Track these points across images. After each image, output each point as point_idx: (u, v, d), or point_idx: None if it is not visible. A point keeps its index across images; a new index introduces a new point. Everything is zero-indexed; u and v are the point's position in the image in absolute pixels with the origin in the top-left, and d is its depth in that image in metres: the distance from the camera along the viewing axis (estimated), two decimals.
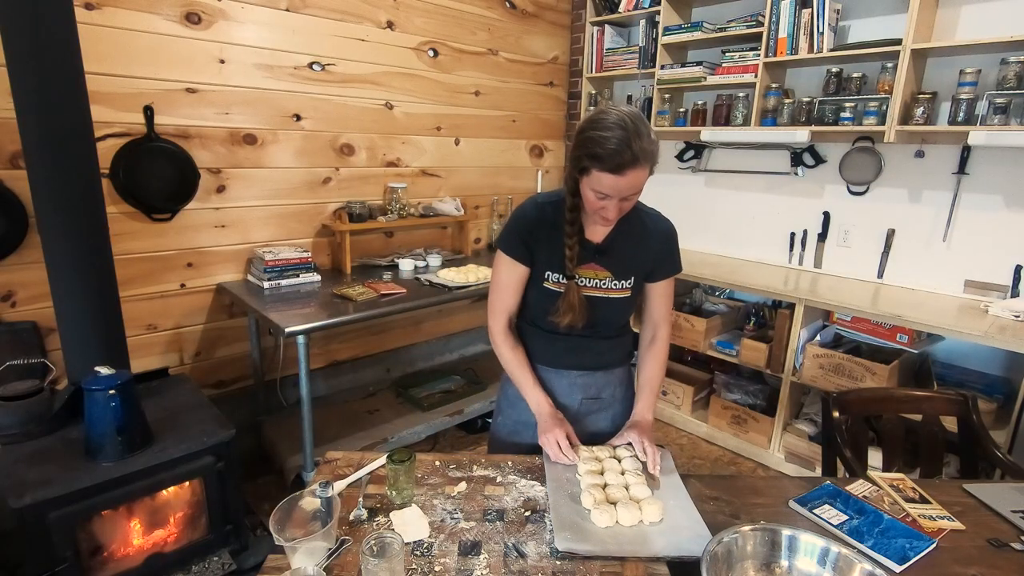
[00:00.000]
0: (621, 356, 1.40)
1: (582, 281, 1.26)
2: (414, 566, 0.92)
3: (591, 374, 1.35)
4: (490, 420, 1.49)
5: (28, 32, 1.50)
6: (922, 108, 2.32)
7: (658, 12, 3.07)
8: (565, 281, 1.25)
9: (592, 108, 3.56)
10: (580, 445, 1.23)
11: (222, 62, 2.31)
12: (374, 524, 1.02)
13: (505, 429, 1.42)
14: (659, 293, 1.34)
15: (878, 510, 1.10)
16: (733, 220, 3.25)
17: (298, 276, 2.49)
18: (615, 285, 1.27)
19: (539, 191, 3.65)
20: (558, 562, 0.94)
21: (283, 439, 2.47)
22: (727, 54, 2.90)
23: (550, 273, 1.27)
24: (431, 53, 2.98)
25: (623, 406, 1.41)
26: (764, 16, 2.68)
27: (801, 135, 2.64)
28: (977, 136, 2.16)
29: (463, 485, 1.14)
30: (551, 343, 1.33)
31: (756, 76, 2.74)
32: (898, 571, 0.95)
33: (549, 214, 1.25)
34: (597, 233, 1.27)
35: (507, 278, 1.29)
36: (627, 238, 1.27)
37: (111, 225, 1.83)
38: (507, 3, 3.26)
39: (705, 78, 2.97)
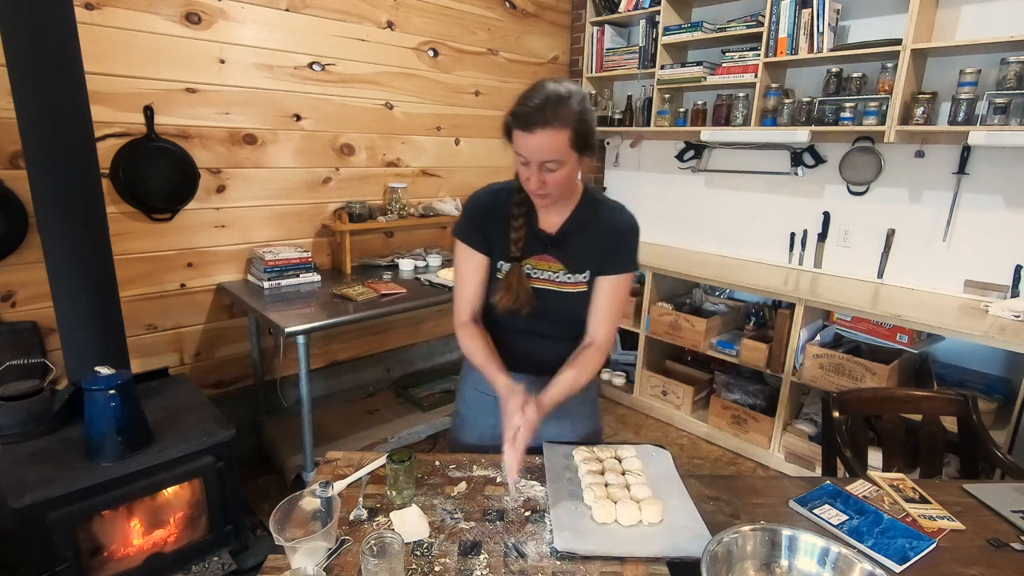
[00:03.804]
0: None
1: (535, 272, 1.23)
2: (414, 566, 0.92)
3: (547, 380, 1.23)
4: None
5: (28, 32, 1.50)
6: (922, 108, 2.32)
7: (658, 12, 3.07)
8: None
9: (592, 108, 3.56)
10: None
11: (222, 62, 2.31)
12: (374, 524, 1.02)
13: (474, 437, 1.36)
14: (603, 291, 1.23)
15: (878, 510, 1.10)
16: (733, 220, 3.25)
17: (298, 276, 2.49)
18: (569, 279, 1.23)
19: None
20: (558, 562, 0.94)
21: (283, 439, 2.47)
22: (727, 54, 2.90)
23: (502, 263, 1.23)
24: (431, 53, 2.98)
25: (583, 410, 1.36)
26: (764, 16, 2.68)
27: (801, 135, 2.64)
28: (977, 136, 2.16)
29: (463, 485, 1.13)
30: (511, 344, 1.28)
31: (756, 76, 2.74)
32: (898, 571, 0.95)
33: (503, 200, 1.22)
34: (551, 223, 1.23)
35: (466, 266, 1.26)
36: (582, 230, 1.22)
37: (111, 225, 1.83)
38: (507, 3, 3.26)
39: (705, 78, 2.97)
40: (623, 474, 1.14)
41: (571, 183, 1.17)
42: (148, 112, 2.15)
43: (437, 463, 1.22)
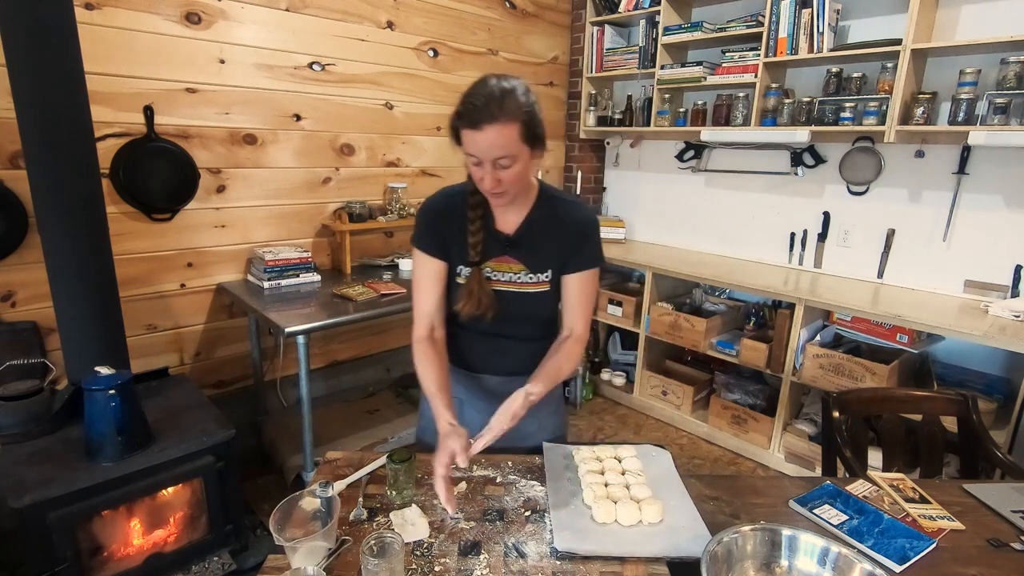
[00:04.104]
0: None
1: (496, 275, 1.21)
2: (414, 566, 0.92)
3: (515, 379, 1.19)
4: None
5: (28, 32, 1.50)
6: (922, 108, 2.32)
7: (658, 12, 3.07)
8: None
9: (592, 108, 3.57)
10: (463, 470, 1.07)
11: (222, 62, 2.31)
12: (374, 524, 1.02)
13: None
14: (572, 288, 1.22)
15: (878, 510, 1.10)
16: (733, 220, 3.25)
17: (298, 276, 2.49)
18: (530, 279, 1.21)
19: None
20: (558, 562, 0.94)
21: (283, 439, 2.47)
22: (727, 54, 2.90)
23: (462, 267, 1.21)
24: (431, 53, 2.98)
25: (550, 409, 1.34)
26: (764, 16, 2.68)
27: (801, 135, 2.64)
28: (977, 136, 2.16)
29: (463, 485, 1.13)
30: (475, 346, 1.27)
31: (756, 76, 2.74)
32: (898, 571, 0.95)
33: (459, 204, 1.20)
34: (508, 223, 1.21)
35: (421, 274, 1.23)
36: (540, 228, 1.20)
37: (111, 225, 1.83)
38: (507, 3, 3.26)
39: (705, 78, 2.97)
40: (623, 474, 1.14)
41: (525, 179, 1.15)
42: (148, 112, 2.15)
43: None
